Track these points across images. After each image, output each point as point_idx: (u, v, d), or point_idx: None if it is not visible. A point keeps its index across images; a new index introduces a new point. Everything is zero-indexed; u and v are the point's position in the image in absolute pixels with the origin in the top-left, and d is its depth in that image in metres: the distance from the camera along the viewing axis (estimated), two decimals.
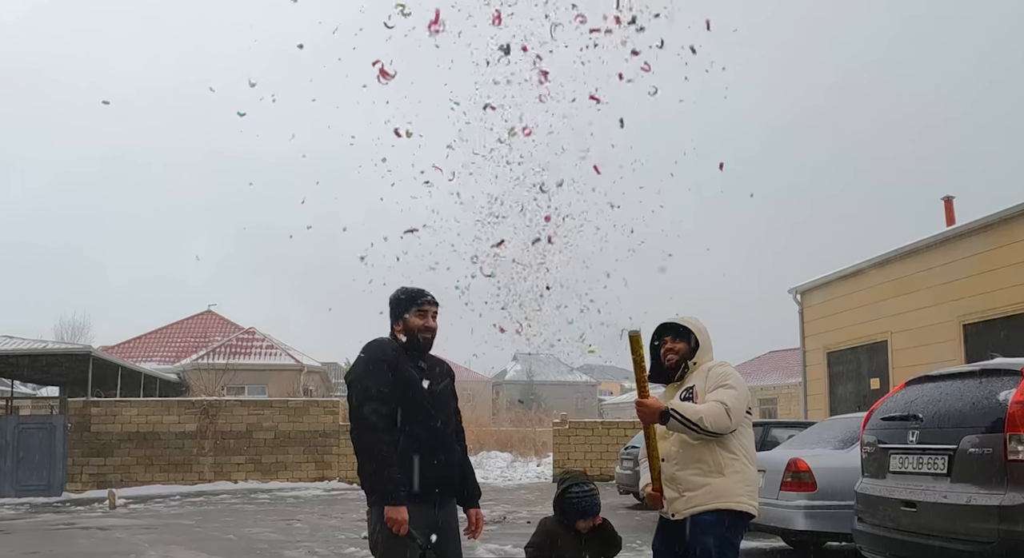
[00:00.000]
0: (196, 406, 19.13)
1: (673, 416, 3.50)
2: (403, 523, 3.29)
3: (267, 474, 18.75)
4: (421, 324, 3.58)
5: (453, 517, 3.62)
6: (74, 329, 41.65)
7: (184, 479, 18.26)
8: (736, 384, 3.64)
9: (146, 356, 32.40)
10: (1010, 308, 11.93)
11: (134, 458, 18.29)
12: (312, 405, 19.95)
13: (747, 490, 3.62)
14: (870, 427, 5.86)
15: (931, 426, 5.16)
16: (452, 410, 3.69)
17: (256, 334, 32.27)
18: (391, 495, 3.31)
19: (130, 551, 8.94)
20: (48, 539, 10.29)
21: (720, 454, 3.60)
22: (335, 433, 19.12)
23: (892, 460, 5.44)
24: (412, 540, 3.32)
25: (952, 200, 16.58)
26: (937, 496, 4.89)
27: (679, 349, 3.83)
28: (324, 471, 19.05)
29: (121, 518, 12.62)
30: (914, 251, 14.36)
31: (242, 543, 9.60)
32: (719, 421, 3.50)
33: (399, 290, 3.70)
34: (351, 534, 9.93)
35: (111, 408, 18.64)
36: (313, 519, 12.12)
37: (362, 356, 3.54)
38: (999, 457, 4.55)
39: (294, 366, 30.60)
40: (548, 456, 23.82)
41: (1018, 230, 11.96)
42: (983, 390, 4.94)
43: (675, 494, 3.66)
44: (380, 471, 3.33)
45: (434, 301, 3.65)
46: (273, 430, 19.07)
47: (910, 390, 5.68)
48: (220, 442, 18.71)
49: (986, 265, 12.47)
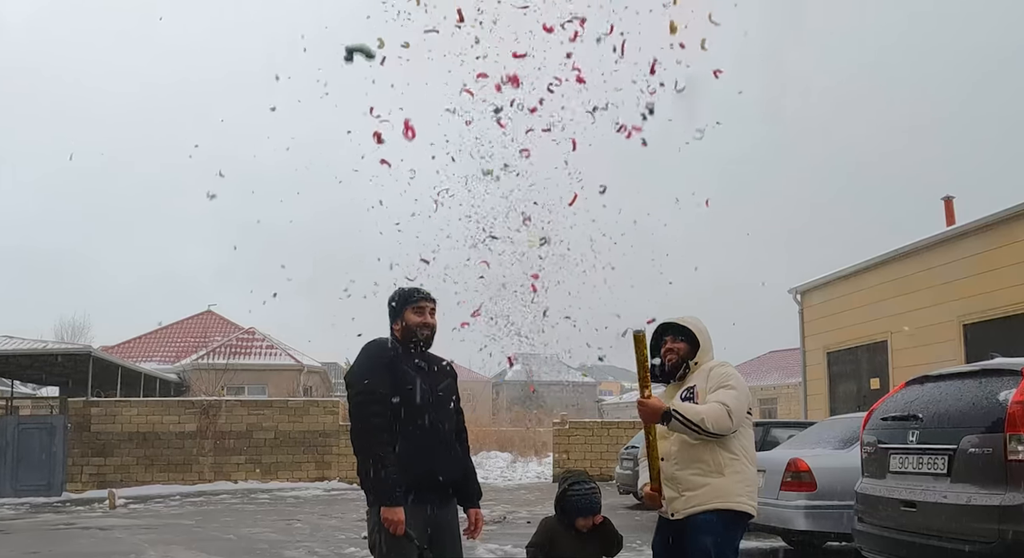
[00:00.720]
0: (196, 406, 19.15)
1: (675, 417, 3.51)
2: (399, 523, 3.29)
3: (267, 474, 18.75)
4: (419, 321, 3.60)
5: (453, 517, 3.61)
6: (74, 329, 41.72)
7: (184, 479, 18.26)
8: (737, 385, 3.65)
9: (146, 356, 32.42)
10: (1010, 308, 11.93)
11: (134, 458, 18.30)
12: (312, 405, 19.95)
13: (747, 490, 3.63)
14: (870, 427, 5.86)
15: (931, 426, 5.16)
16: (453, 410, 3.68)
17: (256, 334, 32.27)
18: (387, 496, 3.31)
19: (130, 551, 8.94)
20: (48, 539, 10.29)
21: (720, 454, 3.61)
22: (335, 433, 19.12)
23: (892, 460, 5.44)
24: (409, 540, 3.32)
25: (952, 200, 16.57)
26: (937, 496, 4.89)
27: (680, 349, 3.84)
28: (324, 471, 19.05)
29: (121, 518, 12.62)
30: (914, 251, 14.36)
31: (242, 543, 9.60)
32: (720, 422, 3.51)
33: (395, 291, 3.74)
34: (351, 534, 9.93)
35: (111, 408, 18.64)
36: (313, 519, 12.12)
37: (361, 356, 3.56)
38: (999, 457, 4.55)
39: (294, 366, 30.61)
40: (548, 456, 23.85)
41: (1018, 230, 11.96)
42: (983, 390, 4.94)
43: (675, 494, 3.66)
44: (377, 471, 3.34)
45: (429, 297, 3.67)
46: (273, 430, 19.07)
47: (910, 390, 5.68)
48: (220, 442, 18.72)
49: (986, 265, 12.47)
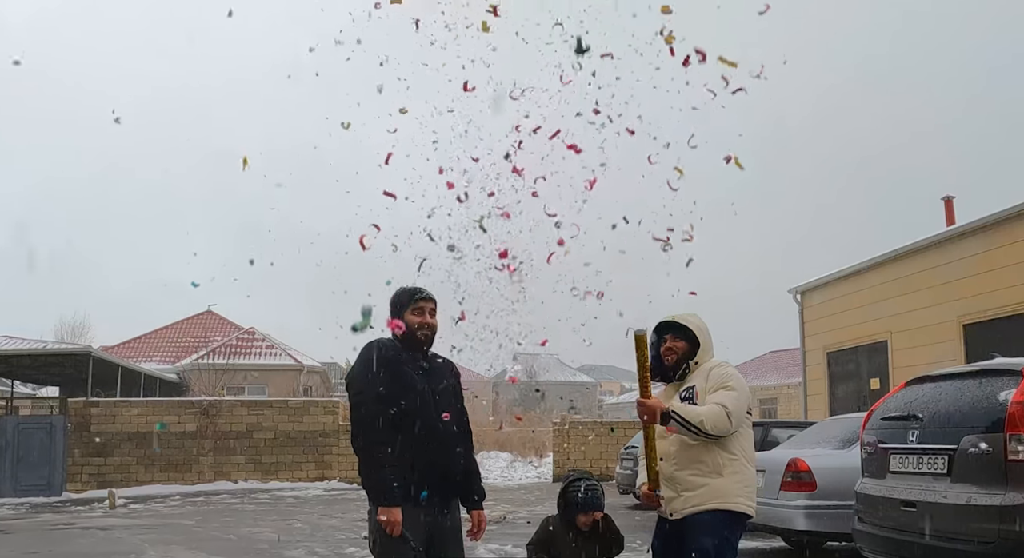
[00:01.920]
0: (196, 406, 19.15)
1: (674, 418, 3.50)
2: (396, 524, 3.28)
3: (267, 474, 18.75)
4: (419, 321, 3.59)
5: (455, 518, 3.60)
6: (74, 329, 41.69)
7: (184, 479, 18.27)
8: (737, 386, 3.64)
9: (146, 356, 32.41)
10: (1010, 308, 11.93)
11: (134, 458, 18.30)
12: (312, 405, 19.95)
13: (745, 491, 3.62)
14: (870, 427, 5.86)
15: (931, 426, 5.16)
16: (456, 410, 3.64)
17: (256, 334, 32.27)
18: (384, 496, 3.31)
19: (130, 551, 8.94)
20: (48, 539, 10.29)
21: (719, 455, 3.59)
22: (335, 433, 19.13)
23: (892, 460, 5.44)
24: (405, 542, 3.30)
25: (952, 200, 16.57)
26: (937, 496, 4.88)
27: (679, 348, 3.82)
28: (324, 471, 19.05)
29: (121, 518, 12.62)
30: (914, 251, 14.36)
31: (242, 543, 9.60)
32: (719, 424, 3.49)
33: (397, 290, 3.73)
34: (351, 534, 9.92)
35: (111, 408, 18.64)
36: (313, 519, 12.12)
37: (361, 357, 3.53)
38: (999, 457, 4.55)
39: (294, 366, 30.61)
40: (548, 456, 23.84)
41: (1018, 230, 11.96)
42: (983, 390, 4.94)
43: (673, 494, 3.66)
44: (375, 472, 3.34)
45: (430, 297, 3.66)
46: (273, 430, 19.08)
47: (910, 390, 5.68)
48: (220, 442, 18.72)
49: (986, 265, 12.47)
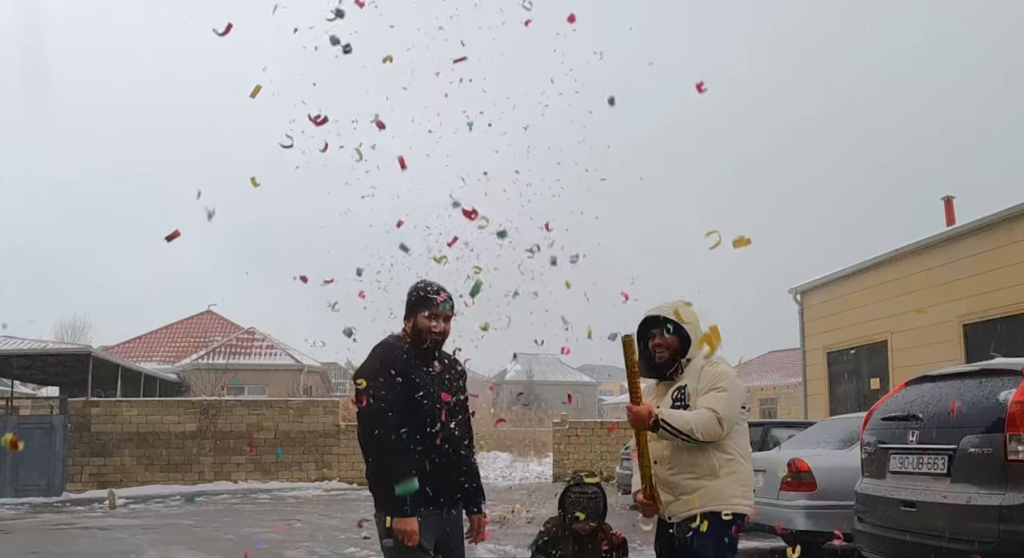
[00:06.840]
0: (196, 406, 19.15)
1: (663, 426, 3.38)
2: (413, 534, 3.22)
3: (267, 474, 18.75)
4: (429, 326, 3.47)
5: (459, 519, 3.58)
6: (74, 329, 41.70)
7: (184, 479, 18.26)
8: (729, 386, 3.50)
9: (146, 356, 32.42)
10: (1010, 308, 11.92)
11: (134, 458, 18.30)
12: (312, 405, 19.94)
13: (742, 490, 3.55)
14: (870, 427, 5.86)
15: (931, 426, 5.16)
16: (463, 411, 3.58)
17: (256, 334, 32.27)
18: (400, 508, 3.22)
19: (130, 551, 8.94)
20: (48, 539, 10.29)
21: (714, 456, 3.50)
22: (335, 433, 19.13)
23: (892, 460, 5.43)
24: (424, 552, 3.27)
25: (952, 200, 16.56)
26: (937, 496, 4.88)
27: (669, 344, 3.62)
28: (324, 471, 19.05)
29: (121, 518, 12.61)
30: (914, 251, 14.36)
31: (242, 543, 9.58)
32: (710, 430, 3.39)
33: (419, 285, 3.56)
34: (351, 534, 9.91)
35: (111, 408, 18.64)
36: (313, 519, 12.11)
37: (370, 359, 3.44)
38: (999, 457, 4.55)
39: (294, 366, 30.61)
40: (548, 456, 23.84)
41: (1018, 230, 11.95)
42: (983, 390, 4.93)
43: (671, 497, 3.58)
44: (388, 482, 3.23)
45: (448, 307, 3.50)
46: (273, 430, 19.08)
47: (910, 390, 5.67)
48: (220, 442, 18.72)
49: (986, 265, 12.47)
